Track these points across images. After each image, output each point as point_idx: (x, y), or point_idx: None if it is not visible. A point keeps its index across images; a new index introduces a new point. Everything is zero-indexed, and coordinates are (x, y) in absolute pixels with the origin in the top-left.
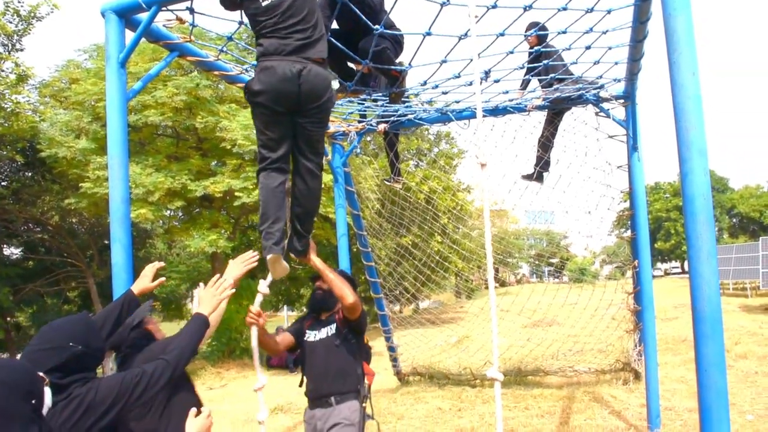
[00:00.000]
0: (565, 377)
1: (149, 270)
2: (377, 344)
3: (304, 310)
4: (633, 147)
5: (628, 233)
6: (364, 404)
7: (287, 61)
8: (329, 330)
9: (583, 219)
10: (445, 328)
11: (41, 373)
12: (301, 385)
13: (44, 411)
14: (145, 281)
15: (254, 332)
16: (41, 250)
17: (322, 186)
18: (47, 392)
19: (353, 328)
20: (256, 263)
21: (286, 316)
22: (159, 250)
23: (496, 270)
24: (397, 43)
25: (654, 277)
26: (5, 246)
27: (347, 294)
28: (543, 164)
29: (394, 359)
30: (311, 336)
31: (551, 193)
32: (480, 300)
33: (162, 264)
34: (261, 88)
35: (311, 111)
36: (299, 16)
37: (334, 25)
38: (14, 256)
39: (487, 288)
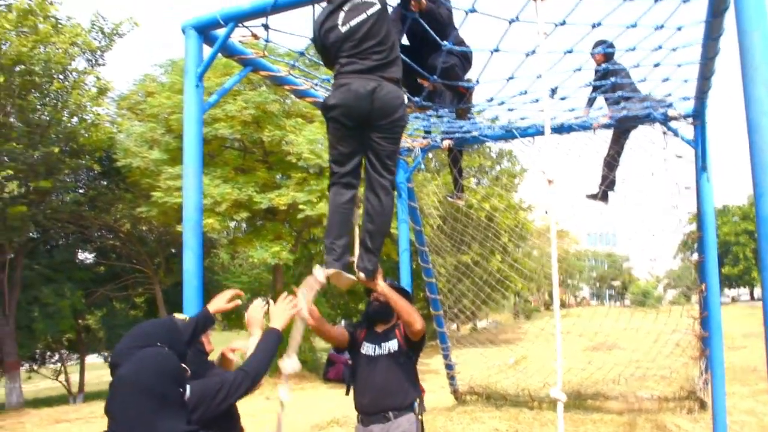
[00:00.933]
0: (626, 403)
1: (228, 293)
2: (434, 361)
3: None
4: (702, 167)
5: (695, 256)
6: (419, 417)
7: (363, 78)
8: (391, 346)
9: (647, 241)
10: (503, 348)
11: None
12: (348, 394)
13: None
14: (220, 302)
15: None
16: (112, 255)
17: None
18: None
19: (414, 347)
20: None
21: None
22: (222, 260)
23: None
24: (465, 59)
25: (721, 303)
26: (80, 251)
27: (416, 320)
28: (608, 183)
29: (451, 377)
30: (369, 350)
31: (616, 214)
32: (539, 321)
33: (241, 293)
34: (335, 103)
35: (382, 127)
36: (377, 38)
37: (403, 41)
38: (87, 261)
39: (547, 309)
